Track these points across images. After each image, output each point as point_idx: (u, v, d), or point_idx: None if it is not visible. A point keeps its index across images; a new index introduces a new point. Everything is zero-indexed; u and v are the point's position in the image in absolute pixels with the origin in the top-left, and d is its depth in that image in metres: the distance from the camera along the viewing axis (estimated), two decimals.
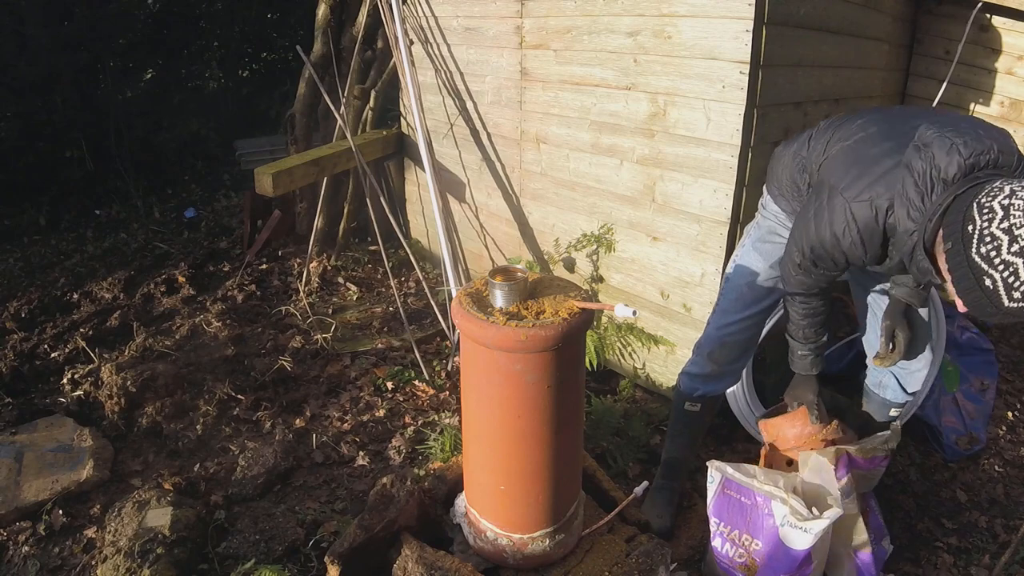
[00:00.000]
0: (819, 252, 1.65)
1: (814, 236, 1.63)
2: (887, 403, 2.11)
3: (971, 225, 1.26)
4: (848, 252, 1.58)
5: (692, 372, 2.18)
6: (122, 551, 1.98)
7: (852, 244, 1.56)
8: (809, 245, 1.66)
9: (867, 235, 1.53)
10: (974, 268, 1.26)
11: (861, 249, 1.56)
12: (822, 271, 1.72)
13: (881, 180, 1.49)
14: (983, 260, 1.25)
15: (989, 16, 2.81)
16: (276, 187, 3.27)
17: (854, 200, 1.52)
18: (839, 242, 1.58)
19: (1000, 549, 2.20)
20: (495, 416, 1.56)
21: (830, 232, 1.58)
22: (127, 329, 3.35)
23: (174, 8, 6.31)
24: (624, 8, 2.49)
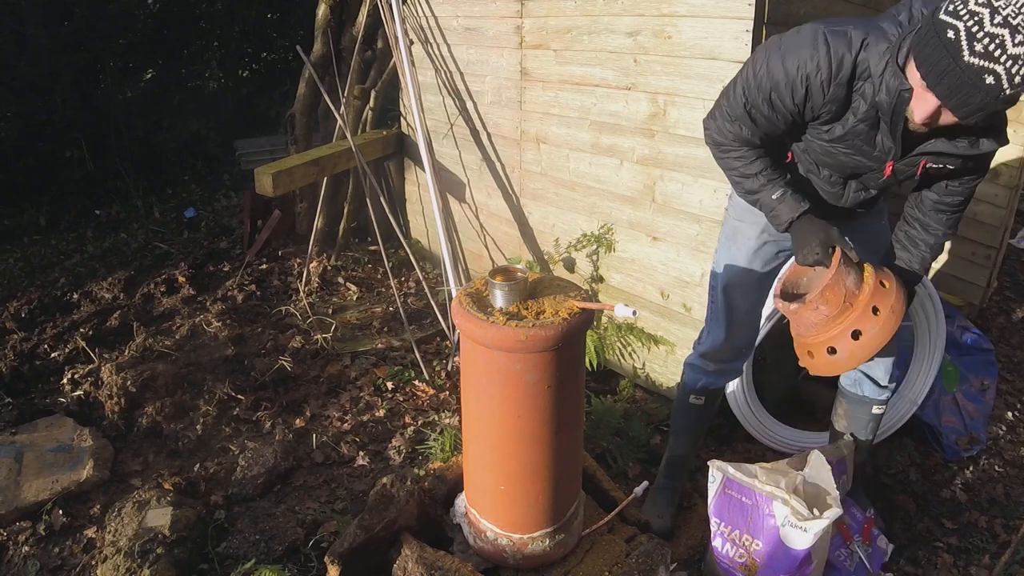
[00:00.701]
0: (777, 79, 1.49)
1: (776, 63, 1.48)
2: (867, 400, 2.08)
3: (939, 14, 1.26)
4: (810, 77, 1.45)
5: (694, 363, 2.17)
6: (122, 551, 1.98)
7: (817, 68, 1.43)
8: (768, 75, 1.50)
9: (835, 59, 1.43)
10: (938, 25, 1.24)
11: (826, 74, 1.44)
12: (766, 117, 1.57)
13: (861, 23, 1.46)
14: (949, 15, 1.23)
15: None
16: (276, 187, 3.27)
17: (830, 28, 1.44)
18: (804, 65, 1.45)
19: (1000, 549, 2.20)
20: (495, 416, 1.56)
21: (795, 56, 1.45)
22: (127, 329, 3.35)
23: (174, 8, 6.31)
24: (624, 8, 2.49)
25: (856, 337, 1.54)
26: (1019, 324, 3.57)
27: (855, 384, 2.09)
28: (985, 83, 1.22)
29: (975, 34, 1.20)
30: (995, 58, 1.20)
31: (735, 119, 1.63)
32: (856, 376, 2.08)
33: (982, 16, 1.19)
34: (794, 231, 1.65)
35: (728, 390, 2.43)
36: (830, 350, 1.58)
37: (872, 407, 2.09)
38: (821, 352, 1.60)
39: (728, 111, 1.64)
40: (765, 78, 1.52)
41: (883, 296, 1.55)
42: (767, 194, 1.66)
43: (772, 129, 1.61)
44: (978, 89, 1.23)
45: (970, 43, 1.20)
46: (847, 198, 1.75)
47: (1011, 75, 1.20)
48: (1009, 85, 1.21)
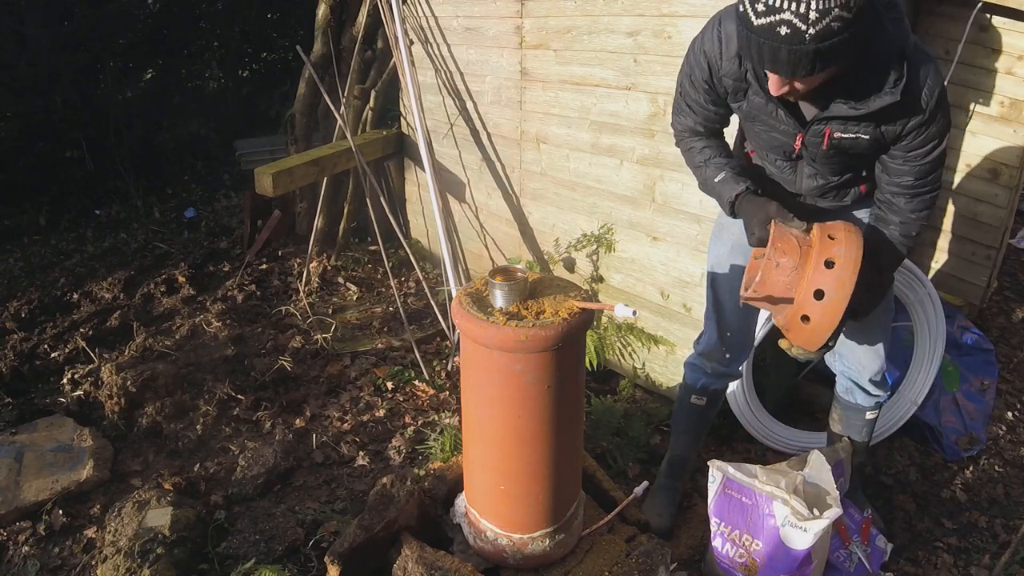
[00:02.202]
0: (688, 58, 1.66)
1: (691, 48, 1.65)
2: (860, 407, 2.11)
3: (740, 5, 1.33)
4: (709, 54, 1.59)
5: (694, 363, 2.18)
6: (122, 551, 1.98)
7: (712, 44, 1.57)
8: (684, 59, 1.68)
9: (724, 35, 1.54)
10: (736, 5, 1.33)
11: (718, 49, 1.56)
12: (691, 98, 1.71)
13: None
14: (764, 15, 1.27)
15: (989, 16, 2.80)
16: (276, 187, 3.27)
17: (725, 12, 1.56)
18: (703, 43, 1.60)
19: (1000, 549, 2.20)
20: (495, 416, 1.56)
21: (699, 39, 1.62)
22: (127, 329, 3.35)
23: (174, 8, 6.30)
24: (624, 8, 2.49)
25: (820, 297, 1.49)
26: (1019, 324, 3.56)
27: (848, 392, 2.11)
28: (783, 35, 1.26)
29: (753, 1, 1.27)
30: (778, 9, 1.24)
31: (678, 110, 1.79)
32: (847, 385, 2.10)
33: None
34: (739, 212, 1.69)
35: (728, 390, 2.43)
36: (804, 318, 1.52)
37: (865, 413, 2.12)
38: (799, 327, 1.54)
39: (675, 104, 1.80)
40: (685, 63, 1.69)
41: (832, 247, 1.50)
42: (711, 179, 1.75)
43: (705, 112, 1.73)
44: (780, 43, 1.27)
45: (753, 6, 1.27)
46: (801, 183, 1.78)
47: (803, 16, 1.23)
48: (806, 24, 1.24)
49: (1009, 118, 2.89)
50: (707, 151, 1.78)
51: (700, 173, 1.81)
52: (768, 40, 1.27)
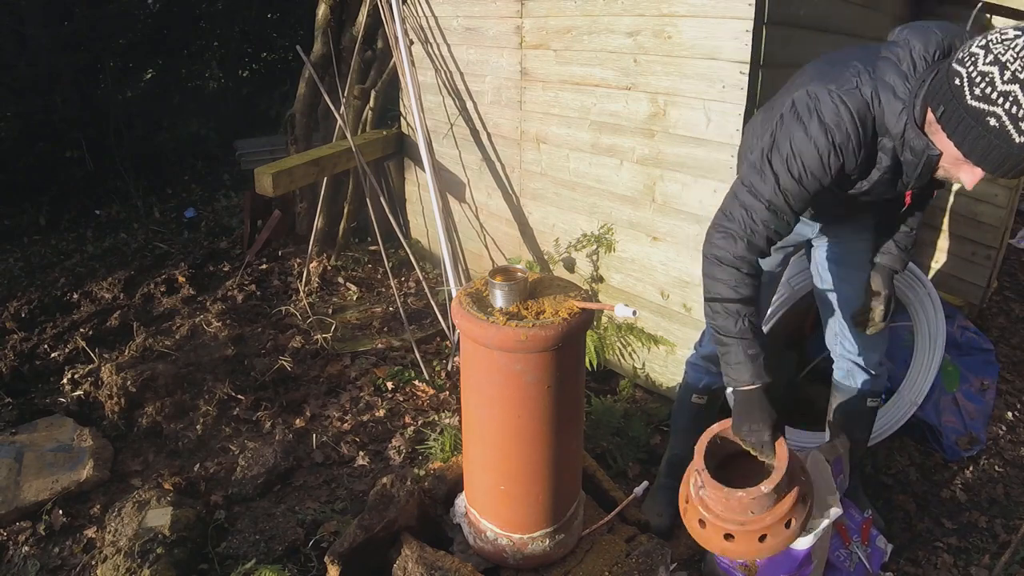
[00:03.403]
0: (808, 159, 1.42)
1: (800, 141, 1.41)
2: (861, 393, 2.08)
3: (957, 79, 1.23)
4: (842, 147, 1.40)
5: (695, 363, 2.17)
6: (122, 551, 1.98)
7: (848, 136, 1.40)
8: (796, 158, 1.43)
9: (860, 122, 1.40)
10: (974, 114, 1.21)
11: (856, 141, 1.41)
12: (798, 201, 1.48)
13: (864, 70, 1.41)
14: (980, 101, 1.19)
15: (989, 16, 2.81)
16: (276, 187, 3.27)
17: (842, 89, 1.39)
18: (833, 137, 1.40)
19: (1000, 549, 2.20)
20: (495, 416, 1.56)
21: (821, 128, 1.40)
22: (127, 329, 3.35)
23: (174, 8, 6.30)
24: (624, 8, 2.49)
25: (762, 540, 1.50)
26: (1019, 324, 3.57)
27: (848, 375, 2.10)
28: None
29: (1018, 115, 1.16)
30: None
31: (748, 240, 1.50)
32: (848, 367, 2.08)
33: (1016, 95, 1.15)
34: (742, 397, 1.54)
35: (728, 390, 2.43)
36: (727, 536, 1.52)
37: (867, 399, 2.09)
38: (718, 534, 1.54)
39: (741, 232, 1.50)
40: (796, 162, 1.44)
41: (799, 512, 1.52)
42: (741, 346, 1.51)
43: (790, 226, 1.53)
44: None
45: (1016, 125, 1.17)
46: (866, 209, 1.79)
47: None
48: None
49: None
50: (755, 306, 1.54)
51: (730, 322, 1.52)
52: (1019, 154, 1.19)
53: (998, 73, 1.17)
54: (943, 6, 2.94)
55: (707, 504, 1.55)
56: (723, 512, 1.53)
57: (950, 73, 1.25)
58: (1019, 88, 1.16)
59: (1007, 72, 1.16)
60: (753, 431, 1.52)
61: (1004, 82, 1.17)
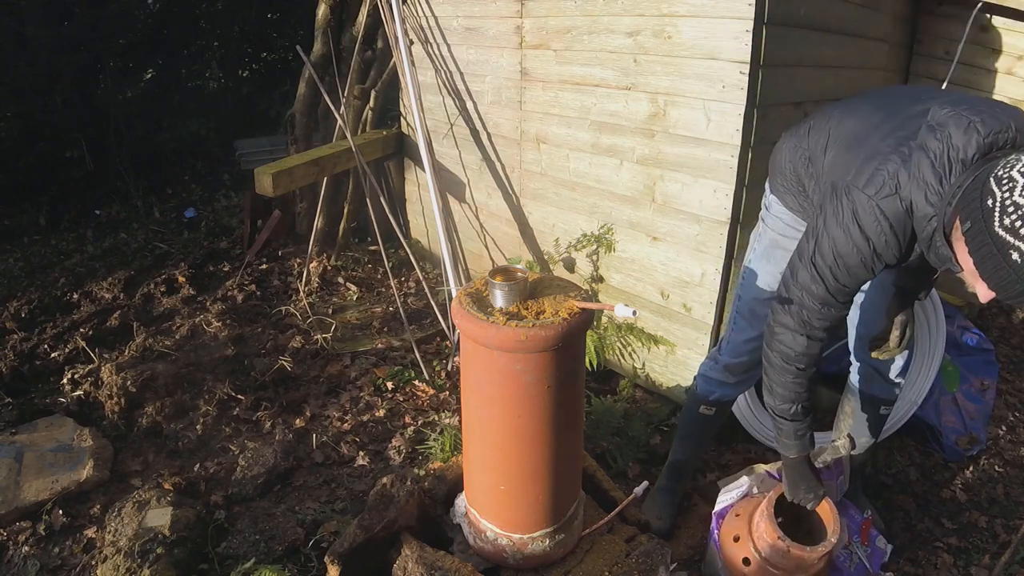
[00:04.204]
0: (852, 265, 1.47)
1: (844, 247, 1.46)
2: (876, 400, 2.07)
3: (990, 199, 1.16)
4: (883, 253, 1.44)
5: (710, 376, 2.15)
6: (122, 551, 1.98)
7: (887, 244, 1.42)
8: (840, 263, 1.48)
9: (900, 229, 1.40)
10: (998, 243, 1.15)
11: (896, 246, 1.42)
12: (847, 295, 1.55)
13: (902, 167, 1.38)
14: (1008, 232, 1.14)
15: (989, 16, 2.80)
16: (276, 187, 3.27)
17: (880, 197, 1.40)
18: (873, 245, 1.43)
19: (1000, 549, 2.20)
20: (495, 416, 1.56)
21: (860, 234, 1.43)
22: (127, 329, 3.35)
23: (174, 8, 6.30)
24: (624, 8, 2.49)
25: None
26: (1019, 324, 3.57)
27: (867, 380, 2.06)
28: None
29: None
30: None
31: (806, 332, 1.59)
32: (868, 372, 2.05)
33: None
34: (791, 464, 1.78)
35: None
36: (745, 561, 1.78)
37: (880, 406, 2.07)
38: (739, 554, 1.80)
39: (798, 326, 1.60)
40: (840, 267, 1.49)
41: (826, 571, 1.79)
42: (792, 425, 1.71)
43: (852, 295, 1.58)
44: None
45: None
46: None
47: None
48: None
49: None
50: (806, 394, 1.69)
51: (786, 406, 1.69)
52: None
53: None
54: (943, 6, 2.94)
55: (760, 548, 1.75)
56: (775, 560, 1.72)
57: (985, 190, 1.18)
58: None
59: None
60: (811, 488, 1.77)
61: None
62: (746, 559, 1.78)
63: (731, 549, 1.82)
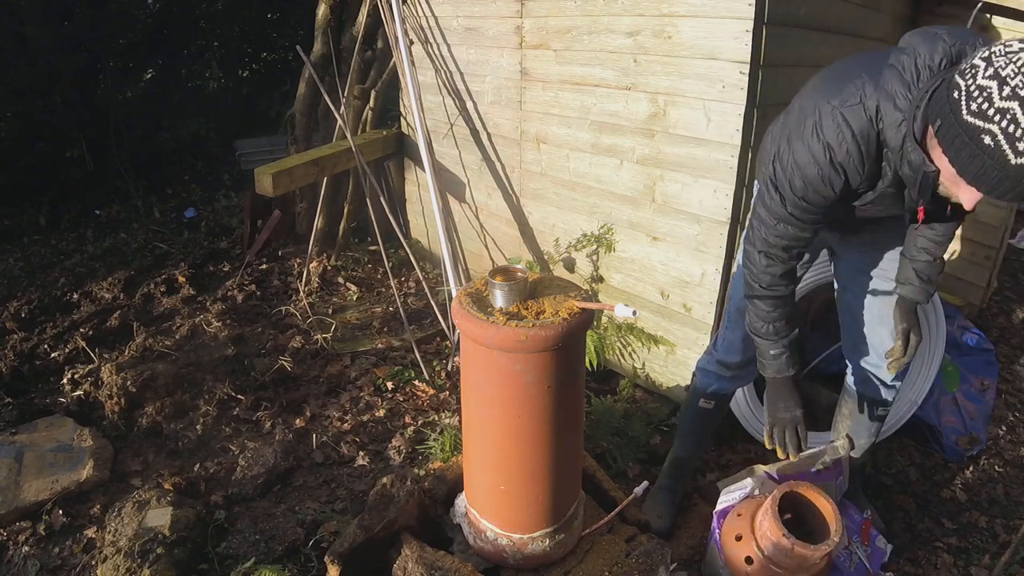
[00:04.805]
0: (810, 176, 1.44)
1: (803, 157, 1.44)
2: (874, 401, 2.07)
3: (956, 91, 1.16)
4: (844, 163, 1.41)
5: (707, 369, 2.16)
6: (122, 551, 1.98)
7: (848, 154, 1.39)
8: (799, 173, 1.46)
9: (863, 139, 1.38)
10: (969, 131, 1.14)
11: (858, 158, 1.40)
12: (807, 214, 1.53)
13: (869, 81, 1.38)
14: (976, 117, 1.13)
15: (989, 16, 2.80)
16: (276, 187, 3.27)
17: (844, 105, 1.38)
18: (832, 154, 1.40)
19: (1000, 549, 2.20)
20: (495, 416, 1.56)
21: (821, 145, 1.40)
22: (127, 329, 3.35)
23: (174, 8, 6.30)
24: (624, 8, 2.49)
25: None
26: (1019, 324, 3.57)
27: (864, 383, 2.06)
28: None
29: (1014, 134, 1.10)
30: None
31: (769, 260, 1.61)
32: (865, 375, 2.05)
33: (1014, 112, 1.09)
34: (771, 383, 1.81)
35: None
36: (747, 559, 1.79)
37: (877, 408, 2.07)
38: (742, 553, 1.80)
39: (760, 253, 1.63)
40: (798, 177, 1.47)
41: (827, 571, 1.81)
42: (766, 343, 1.76)
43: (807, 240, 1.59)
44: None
45: (1012, 145, 1.11)
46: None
47: None
48: None
49: None
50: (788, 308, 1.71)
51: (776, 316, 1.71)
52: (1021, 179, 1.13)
53: (996, 88, 1.11)
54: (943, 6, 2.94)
55: (763, 547, 1.75)
56: (778, 558, 1.73)
57: (951, 85, 1.19)
58: (1018, 105, 1.09)
59: (1006, 87, 1.09)
60: (788, 408, 1.79)
61: (1002, 98, 1.10)
62: (748, 558, 1.78)
63: (733, 548, 1.82)
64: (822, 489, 1.83)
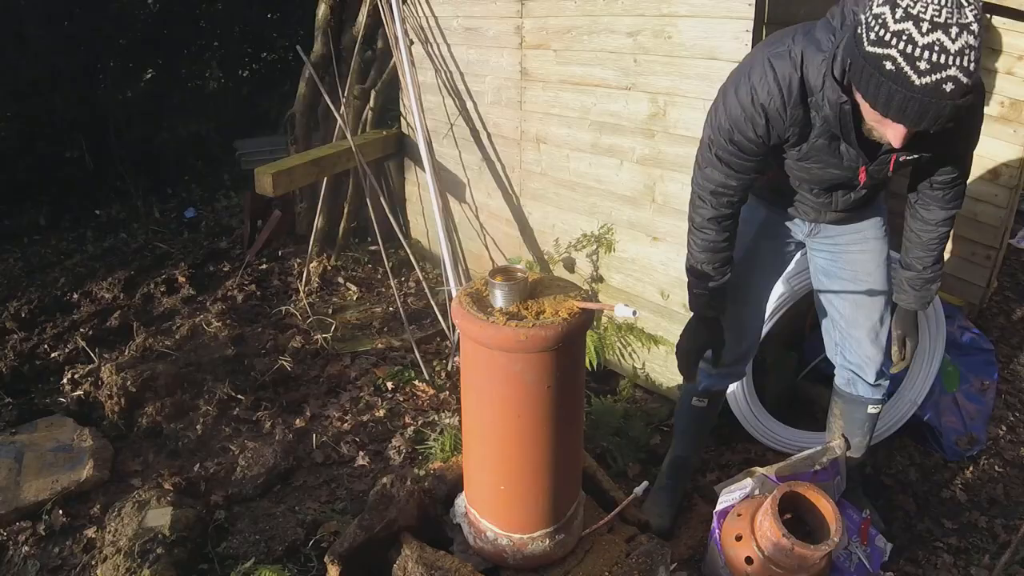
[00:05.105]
0: (735, 117, 1.51)
1: (731, 100, 1.51)
2: (862, 400, 2.07)
3: (858, 27, 1.20)
4: (766, 105, 1.46)
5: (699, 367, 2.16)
6: (122, 551, 1.98)
7: (769, 95, 1.44)
8: (725, 114, 1.53)
9: (784, 84, 1.43)
10: (872, 61, 1.17)
11: (780, 99, 1.44)
12: (734, 159, 1.58)
13: (800, 31, 1.44)
14: (875, 45, 1.16)
15: (989, 16, 2.80)
16: (276, 187, 3.27)
17: (773, 53, 1.45)
18: (755, 95, 1.46)
19: (1000, 549, 2.20)
20: (495, 416, 1.56)
21: (747, 87, 1.47)
22: (127, 329, 3.35)
23: (174, 8, 6.30)
24: (624, 8, 2.49)
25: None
26: (1019, 324, 3.57)
27: (849, 384, 2.08)
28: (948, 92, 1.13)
29: (913, 54, 1.12)
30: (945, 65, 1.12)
31: (708, 164, 1.65)
32: (849, 377, 2.07)
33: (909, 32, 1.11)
34: (692, 319, 1.86)
35: (728, 390, 2.43)
36: (748, 560, 1.79)
37: (867, 407, 2.08)
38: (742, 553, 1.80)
39: (702, 159, 1.67)
40: (724, 118, 1.54)
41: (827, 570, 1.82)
42: (694, 282, 1.79)
43: (744, 165, 1.61)
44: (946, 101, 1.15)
45: (913, 65, 1.13)
46: (836, 204, 1.76)
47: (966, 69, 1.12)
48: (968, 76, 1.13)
49: (1009, 118, 2.90)
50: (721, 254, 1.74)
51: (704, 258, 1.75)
52: (933, 99, 1.15)
53: (889, 12, 1.13)
54: None
55: (763, 547, 1.76)
56: (778, 558, 1.73)
57: (856, 26, 1.22)
58: (912, 25, 1.11)
59: (898, 10, 1.12)
60: (689, 340, 1.85)
61: (896, 20, 1.12)
62: (748, 558, 1.78)
63: (733, 548, 1.82)
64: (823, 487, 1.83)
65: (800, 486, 1.81)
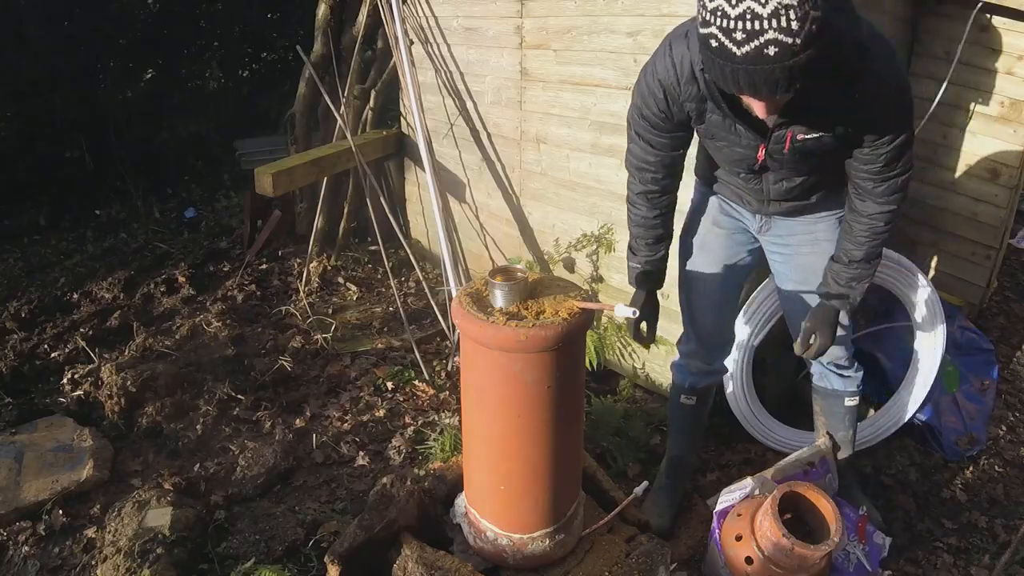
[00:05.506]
0: (640, 91, 1.64)
1: (641, 78, 1.64)
2: (837, 393, 2.10)
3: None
4: (663, 79, 1.56)
5: (679, 363, 2.20)
6: (122, 551, 1.98)
7: (664, 71, 1.55)
8: (637, 91, 1.66)
9: (677, 59, 1.52)
10: (703, 43, 1.24)
11: (672, 75, 1.54)
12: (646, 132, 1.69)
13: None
14: (702, 26, 1.22)
15: (989, 16, 2.80)
16: (276, 187, 3.27)
17: (674, 35, 1.56)
18: (655, 71, 1.58)
19: (1000, 549, 2.20)
20: (495, 416, 1.56)
21: (652, 66, 1.60)
22: (127, 329, 3.35)
23: (174, 8, 6.30)
24: (624, 8, 2.49)
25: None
26: (1019, 324, 3.57)
27: (822, 378, 2.12)
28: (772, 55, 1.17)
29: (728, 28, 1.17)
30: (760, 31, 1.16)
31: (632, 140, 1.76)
32: (820, 370, 2.10)
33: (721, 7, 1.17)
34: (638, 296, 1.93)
35: (728, 390, 2.43)
36: (748, 560, 1.80)
37: (844, 399, 2.10)
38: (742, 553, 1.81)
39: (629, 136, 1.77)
40: (636, 94, 1.67)
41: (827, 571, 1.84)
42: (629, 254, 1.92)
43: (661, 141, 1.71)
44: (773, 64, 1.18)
45: (729, 36, 1.18)
46: (769, 191, 1.77)
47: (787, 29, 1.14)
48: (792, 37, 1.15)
49: (1009, 118, 2.89)
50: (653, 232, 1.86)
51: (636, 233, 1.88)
52: (758, 65, 1.18)
53: None
54: (943, 6, 2.94)
55: (763, 547, 1.76)
56: (778, 558, 1.74)
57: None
58: (724, 1, 1.16)
59: None
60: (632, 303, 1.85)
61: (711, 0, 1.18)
62: (748, 558, 1.78)
63: (733, 548, 1.83)
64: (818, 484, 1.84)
65: (800, 486, 1.81)
